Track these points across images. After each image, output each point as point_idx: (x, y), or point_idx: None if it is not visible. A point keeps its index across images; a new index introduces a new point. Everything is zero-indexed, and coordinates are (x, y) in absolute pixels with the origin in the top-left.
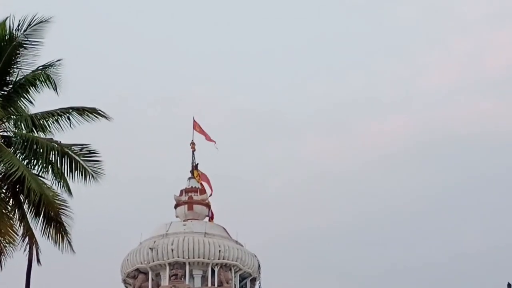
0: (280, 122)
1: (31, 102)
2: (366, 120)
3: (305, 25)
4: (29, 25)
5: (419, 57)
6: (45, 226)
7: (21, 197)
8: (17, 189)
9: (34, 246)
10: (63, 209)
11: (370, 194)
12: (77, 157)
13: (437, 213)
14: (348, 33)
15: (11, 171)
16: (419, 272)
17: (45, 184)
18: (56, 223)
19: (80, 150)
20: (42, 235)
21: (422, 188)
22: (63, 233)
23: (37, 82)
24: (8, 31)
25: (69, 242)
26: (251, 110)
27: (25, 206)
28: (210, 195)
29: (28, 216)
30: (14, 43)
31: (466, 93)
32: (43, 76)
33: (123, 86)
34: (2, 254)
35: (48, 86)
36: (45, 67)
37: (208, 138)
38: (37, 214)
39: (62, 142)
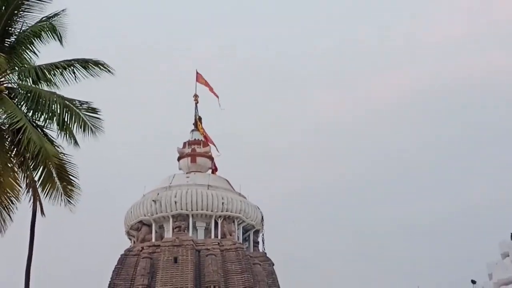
0: (285, 76)
1: (35, 54)
2: (373, 72)
3: None
4: None
5: (426, 9)
6: (42, 180)
7: (23, 149)
8: (20, 141)
9: (37, 198)
10: (62, 164)
11: (377, 147)
12: (77, 110)
13: (446, 165)
14: None
15: (12, 121)
16: (429, 224)
17: (49, 136)
18: (52, 178)
19: (80, 105)
20: (38, 188)
21: (430, 140)
22: (57, 188)
23: (43, 34)
24: None
25: (68, 197)
26: (256, 64)
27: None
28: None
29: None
30: None
31: (474, 44)
32: (49, 27)
33: (126, 39)
34: (7, 208)
35: (54, 38)
36: (50, 17)
37: (212, 91)
38: (35, 168)
39: (66, 95)
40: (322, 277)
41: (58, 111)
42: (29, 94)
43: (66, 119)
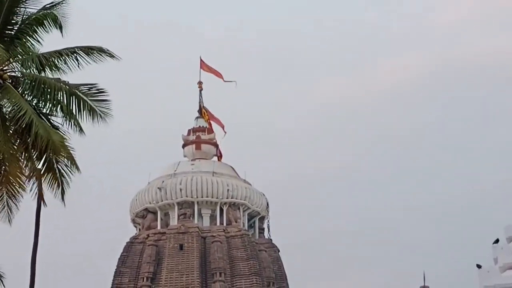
0: (290, 59)
1: (39, 42)
2: (379, 54)
3: None
4: None
5: None
6: (45, 169)
7: (28, 140)
8: (25, 132)
9: (42, 188)
10: (69, 155)
11: (382, 130)
12: (84, 97)
13: (451, 147)
14: None
15: (19, 115)
16: (434, 208)
17: (54, 126)
18: (54, 169)
19: (88, 90)
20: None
21: (436, 122)
22: (59, 181)
23: (45, 22)
24: None
25: (62, 191)
26: (261, 47)
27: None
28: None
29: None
30: None
31: (479, 26)
32: (50, 15)
33: (129, 23)
34: (13, 196)
35: (56, 27)
36: (52, 5)
37: (218, 75)
38: (38, 159)
39: (70, 82)
40: (327, 263)
41: (65, 99)
42: (33, 83)
43: (73, 107)
